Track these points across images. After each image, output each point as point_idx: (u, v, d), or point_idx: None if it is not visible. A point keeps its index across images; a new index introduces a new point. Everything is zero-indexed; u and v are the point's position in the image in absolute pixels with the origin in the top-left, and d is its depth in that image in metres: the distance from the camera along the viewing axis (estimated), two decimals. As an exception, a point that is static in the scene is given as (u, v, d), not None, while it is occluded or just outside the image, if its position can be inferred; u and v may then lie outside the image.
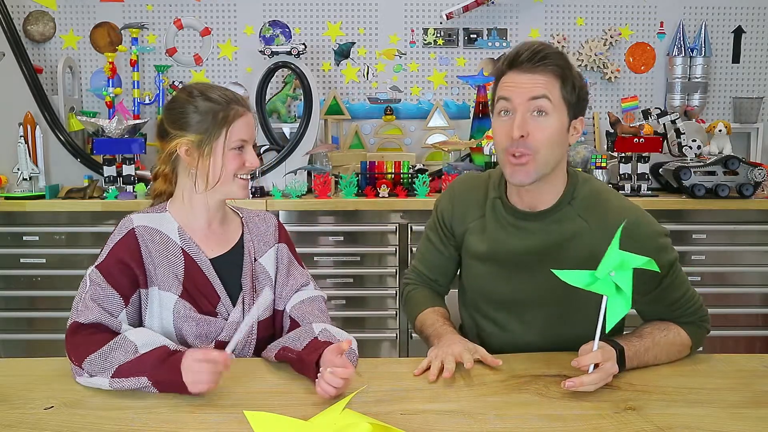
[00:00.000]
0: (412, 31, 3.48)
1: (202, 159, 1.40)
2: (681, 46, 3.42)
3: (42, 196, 2.95)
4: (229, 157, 1.41)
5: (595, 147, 3.40)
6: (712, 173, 2.91)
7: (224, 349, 1.22)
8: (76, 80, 3.41)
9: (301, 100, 3.23)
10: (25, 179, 3.01)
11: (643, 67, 3.52)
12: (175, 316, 1.39)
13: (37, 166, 3.03)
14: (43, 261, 2.91)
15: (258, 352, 1.46)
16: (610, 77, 3.49)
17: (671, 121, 3.15)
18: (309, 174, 3.07)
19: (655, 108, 3.22)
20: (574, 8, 3.47)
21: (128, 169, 2.96)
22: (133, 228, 1.41)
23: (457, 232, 1.57)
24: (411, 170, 3.06)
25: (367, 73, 3.48)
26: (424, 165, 3.24)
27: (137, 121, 3.09)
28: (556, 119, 1.36)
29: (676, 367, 1.37)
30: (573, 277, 1.20)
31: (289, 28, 3.45)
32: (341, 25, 3.46)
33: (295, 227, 2.90)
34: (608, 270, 1.17)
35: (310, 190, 3.05)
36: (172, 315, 1.39)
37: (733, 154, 2.97)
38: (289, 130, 3.29)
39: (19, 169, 3.00)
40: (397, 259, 2.92)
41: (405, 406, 1.18)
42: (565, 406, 1.18)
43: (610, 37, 3.46)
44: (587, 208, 1.44)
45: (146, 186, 2.98)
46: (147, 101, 3.39)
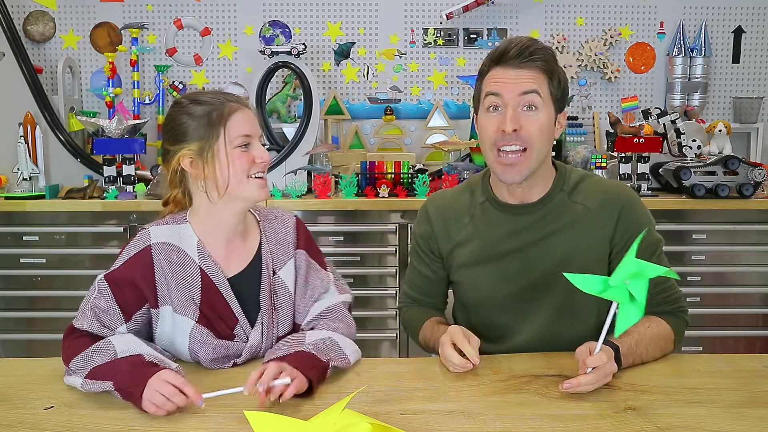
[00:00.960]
0: (412, 31, 3.48)
1: (207, 166, 1.33)
2: (681, 46, 3.42)
3: (42, 196, 2.95)
4: (235, 156, 1.33)
5: (595, 147, 3.40)
6: (712, 173, 2.91)
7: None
8: (76, 80, 3.41)
9: (301, 100, 3.23)
10: (25, 179, 3.01)
11: (643, 67, 3.52)
12: (191, 341, 1.36)
13: (37, 166, 3.03)
14: (43, 261, 2.91)
15: None
16: (610, 77, 3.49)
17: (671, 121, 3.15)
18: (309, 174, 3.07)
19: (655, 108, 3.22)
20: (574, 8, 3.47)
21: (128, 169, 2.96)
22: (150, 245, 1.36)
23: (443, 250, 1.54)
24: (411, 170, 3.06)
25: (367, 73, 3.48)
26: (424, 165, 3.24)
27: (137, 121, 3.09)
28: (545, 113, 1.37)
29: (676, 367, 1.37)
30: (586, 284, 1.18)
31: (289, 28, 3.45)
32: (341, 25, 3.46)
33: (295, 227, 2.90)
34: (623, 278, 1.15)
35: (310, 190, 3.05)
36: (188, 339, 1.36)
37: (733, 154, 2.97)
38: (289, 130, 3.29)
39: (19, 169, 3.00)
40: (397, 259, 2.92)
41: (405, 406, 1.18)
42: (565, 406, 1.18)
43: (610, 37, 3.46)
44: (581, 192, 1.45)
45: (146, 186, 2.99)
46: (147, 101, 3.39)
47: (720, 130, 3.18)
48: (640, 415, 1.14)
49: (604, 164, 3.04)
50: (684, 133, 3.12)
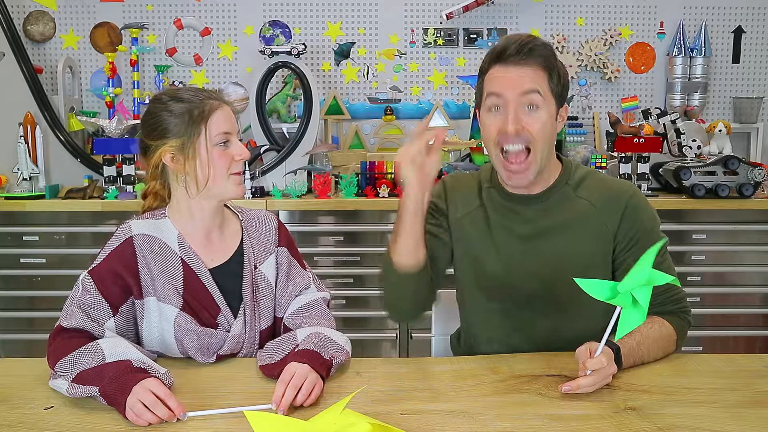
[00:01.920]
0: (412, 31, 3.48)
1: (188, 162, 1.37)
2: (681, 46, 3.42)
3: (42, 196, 2.95)
4: (215, 155, 1.37)
5: (595, 147, 3.40)
6: (712, 173, 2.91)
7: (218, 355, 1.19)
8: (76, 80, 3.41)
9: (301, 100, 3.23)
10: (25, 179, 3.01)
11: (643, 67, 3.52)
12: (176, 329, 1.37)
13: (37, 166, 3.03)
14: (43, 261, 2.91)
15: None
16: (610, 77, 3.48)
17: (671, 121, 3.15)
18: (309, 174, 3.07)
19: (655, 108, 3.23)
20: (574, 8, 3.47)
21: (128, 169, 2.96)
22: (132, 236, 1.39)
23: (451, 217, 1.53)
24: (411, 170, 3.05)
25: (367, 73, 3.48)
26: (424, 165, 3.23)
27: (137, 121, 3.08)
28: (546, 111, 1.37)
29: (676, 367, 1.37)
30: (595, 289, 1.17)
31: (289, 28, 3.45)
32: (341, 25, 3.46)
33: (295, 227, 2.90)
34: (634, 286, 1.14)
35: (310, 190, 3.05)
36: (173, 328, 1.37)
37: (733, 154, 2.97)
38: (289, 130, 3.29)
39: (19, 169, 3.00)
40: (397, 259, 2.91)
41: (405, 406, 1.18)
42: (565, 406, 1.17)
43: (610, 37, 3.46)
44: (586, 189, 1.46)
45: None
46: (147, 101, 3.38)
47: (720, 130, 3.18)
48: (640, 415, 1.13)
49: (604, 164, 3.05)
50: (684, 133, 3.12)
